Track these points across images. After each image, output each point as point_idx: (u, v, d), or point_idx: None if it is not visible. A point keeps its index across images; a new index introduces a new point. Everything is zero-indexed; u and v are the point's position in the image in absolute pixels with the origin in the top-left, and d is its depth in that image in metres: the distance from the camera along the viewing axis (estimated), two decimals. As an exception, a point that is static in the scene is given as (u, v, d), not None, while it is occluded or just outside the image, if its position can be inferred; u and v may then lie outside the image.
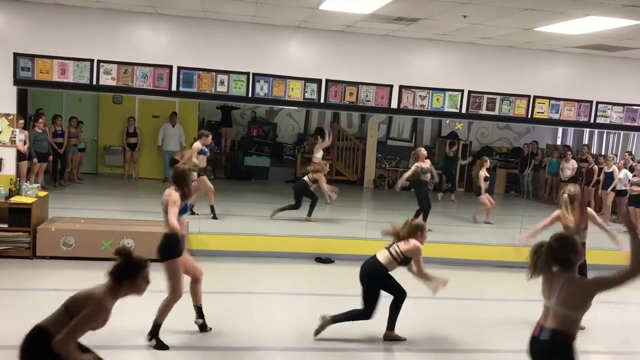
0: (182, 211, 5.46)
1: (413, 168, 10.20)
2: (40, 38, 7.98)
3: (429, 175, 10.39)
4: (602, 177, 13.11)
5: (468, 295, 7.60)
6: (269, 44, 8.54)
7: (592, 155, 14.62)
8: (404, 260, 5.67)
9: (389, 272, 5.74)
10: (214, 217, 10.05)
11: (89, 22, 8.05)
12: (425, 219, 10.00)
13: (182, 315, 6.36)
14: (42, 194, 8.48)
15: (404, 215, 10.30)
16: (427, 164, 10.31)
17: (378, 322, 6.30)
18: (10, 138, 8.15)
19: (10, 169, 8.20)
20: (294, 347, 5.71)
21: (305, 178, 10.54)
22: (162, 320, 5.42)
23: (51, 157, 11.76)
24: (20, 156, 8.74)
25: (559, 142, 17.72)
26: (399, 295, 5.77)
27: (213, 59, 8.35)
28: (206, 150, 10.19)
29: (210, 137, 10.45)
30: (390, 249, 5.76)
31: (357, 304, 5.95)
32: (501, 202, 15.63)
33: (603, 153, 15.34)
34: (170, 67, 8.26)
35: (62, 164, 12.61)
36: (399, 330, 5.91)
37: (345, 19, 7.75)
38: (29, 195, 8.07)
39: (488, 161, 12.00)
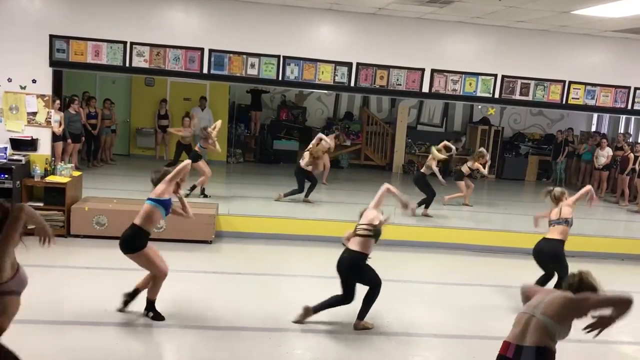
0: None
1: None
2: (75, 20, 8.09)
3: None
4: (638, 165, 12.81)
5: (501, 284, 7.54)
6: (299, 27, 8.51)
7: (628, 143, 14.27)
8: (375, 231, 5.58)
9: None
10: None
11: (122, 4, 8.12)
12: (427, 205, 10.22)
13: (210, 297, 6.46)
14: (76, 174, 8.66)
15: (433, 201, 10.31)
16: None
17: (402, 305, 6.32)
18: (46, 119, 8.31)
19: (45, 149, 8.37)
20: (320, 330, 5.76)
21: (301, 162, 10.53)
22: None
23: (83, 138, 11.97)
24: (55, 137, 8.92)
25: (593, 129, 17.33)
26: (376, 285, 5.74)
27: (244, 41, 8.36)
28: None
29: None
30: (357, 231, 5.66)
31: (386, 287, 5.96)
32: (533, 189, 15.41)
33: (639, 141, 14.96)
34: (202, 49, 8.29)
35: (95, 145, 12.83)
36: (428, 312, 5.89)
37: (377, 1, 7.66)
38: (64, 175, 8.24)
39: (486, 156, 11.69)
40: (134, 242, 5.41)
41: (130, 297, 5.68)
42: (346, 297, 5.71)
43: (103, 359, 4.82)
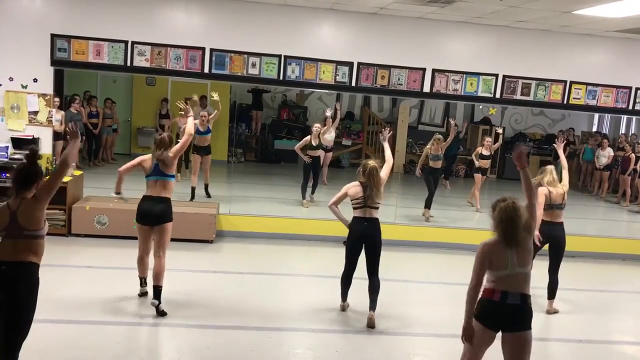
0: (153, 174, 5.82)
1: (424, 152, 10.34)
2: (77, 19, 8.10)
3: (438, 162, 10.26)
4: (639, 165, 12.82)
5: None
6: (300, 26, 8.51)
7: (629, 144, 14.26)
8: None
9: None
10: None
11: (123, 3, 8.13)
12: (428, 205, 10.02)
13: (211, 297, 6.47)
14: (77, 173, 8.67)
15: (434, 201, 10.30)
16: (438, 151, 10.19)
17: (402, 304, 6.33)
18: (47, 118, 8.31)
19: (47, 148, 8.38)
20: (321, 329, 5.76)
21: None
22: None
23: (84, 138, 11.98)
24: (56, 136, 8.93)
25: (594, 129, 17.32)
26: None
27: (245, 41, 8.36)
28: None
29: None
30: (372, 205, 5.75)
31: (385, 287, 5.97)
32: (533, 189, 15.40)
33: (641, 141, 14.94)
34: (203, 49, 8.30)
35: (96, 144, 12.84)
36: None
37: (378, 0, 7.66)
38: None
39: (487, 139, 11.45)
40: (171, 213, 5.80)
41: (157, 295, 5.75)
42: (370, 271, 5.85)
43: (104, 358, 4.83)
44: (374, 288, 5.82)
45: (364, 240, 5.80)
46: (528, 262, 3.90)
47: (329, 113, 11.14)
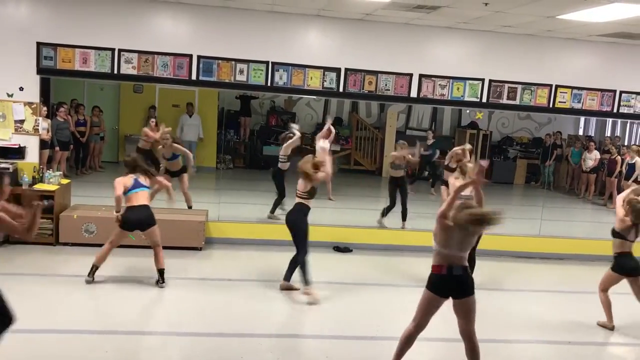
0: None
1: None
2: (63, 27, 8.05)
3: (399, 172, 9.98)
4: (624, 168, 12.94)
5: (489, 286, 7.58)
6: (288, 33, 8.53)
7: (615, 147, 14.40)
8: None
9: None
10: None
11: (110, 11, 8.10)
12: (384, 214, 9.82)
13: (200, 304, 6.45)
14: (65, 181, 8.62)
15: (422, 206, 10.35)
16: (400, 160, 9.92)
17: (390, 309, 6.35)
18: (34, 126, 8.26)
19: (33, 157, 8.32)
20: (312, 335, 5.76)
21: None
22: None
23: (72, 146, 11.91)
24: (43, 144, 8.87)
25: (580, 132, 17.48)
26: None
27: (232, 48, 8.36)
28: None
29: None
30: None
31: (375, 292, 5.98)
32: (521, 192, 15.52)
33: (626, 143, 15.11)
34: (190, 56, 8.29)
35: (84, 152, 12.77)
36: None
37: (364, 6, 7.70)
38: (52, 182, 8.20)
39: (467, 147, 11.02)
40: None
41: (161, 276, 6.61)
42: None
43: (93, 368, 4.79)
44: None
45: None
46: (468, 249, 4.80)
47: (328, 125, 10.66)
